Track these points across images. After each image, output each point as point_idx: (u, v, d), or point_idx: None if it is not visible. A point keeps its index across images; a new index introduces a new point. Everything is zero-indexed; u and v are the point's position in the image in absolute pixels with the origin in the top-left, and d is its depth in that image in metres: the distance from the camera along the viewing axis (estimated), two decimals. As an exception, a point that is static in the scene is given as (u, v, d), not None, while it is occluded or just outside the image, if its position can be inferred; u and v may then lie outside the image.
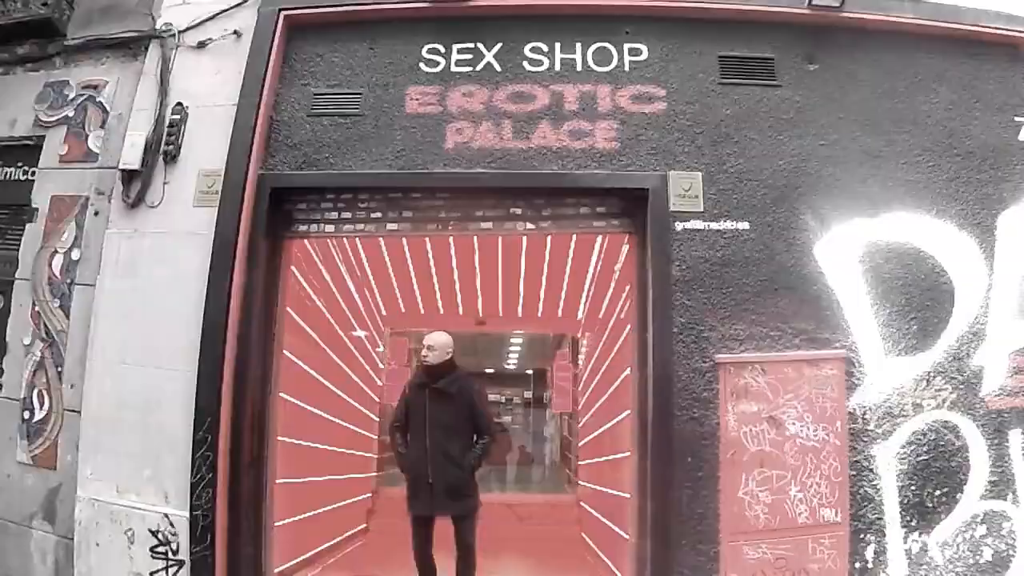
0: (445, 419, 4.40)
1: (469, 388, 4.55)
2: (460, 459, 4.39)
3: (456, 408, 4.42)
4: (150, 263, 4.54)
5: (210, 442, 4.27)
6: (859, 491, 4.29)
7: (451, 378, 4.50)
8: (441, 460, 4.36)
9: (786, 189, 4.45)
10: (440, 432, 4.38)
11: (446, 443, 4.37)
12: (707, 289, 4.29)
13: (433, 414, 4.40)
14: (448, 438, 4.38)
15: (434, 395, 4.43)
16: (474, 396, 4.52)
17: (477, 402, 4.52)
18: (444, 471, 4.36)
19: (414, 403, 4.54)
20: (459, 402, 4.43)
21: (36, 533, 4.79)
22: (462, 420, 4.44)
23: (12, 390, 4.90)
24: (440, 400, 4.42)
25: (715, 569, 4.16)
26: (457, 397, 4.43)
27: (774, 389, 4.28)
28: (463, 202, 4.50)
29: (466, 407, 4.44)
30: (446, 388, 4.43)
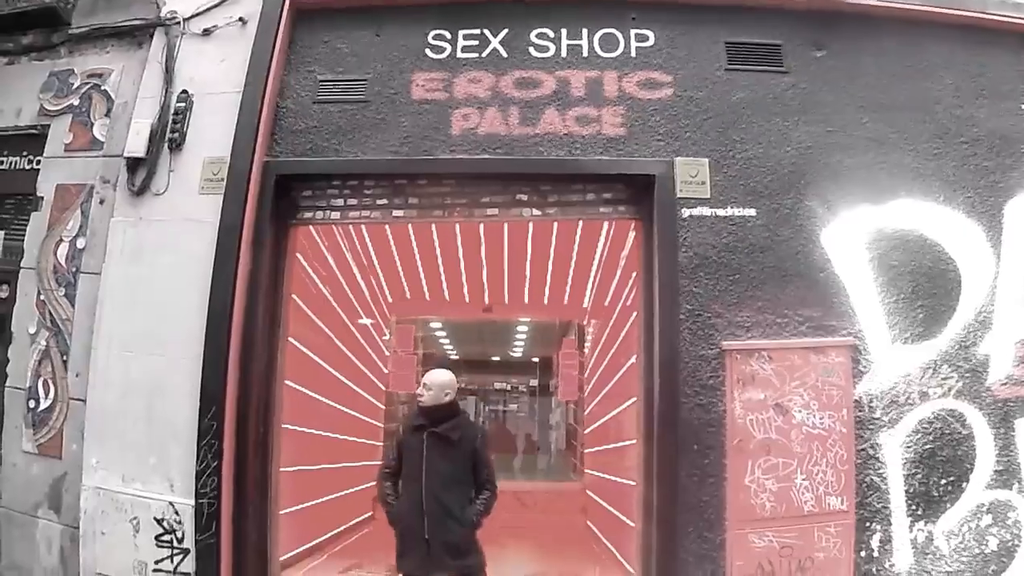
0: (444, 468, 3.85)
1: (473, 436, 4.02)
2: (460, 513, 3.84)
3: (457, 456, 3.89)
4: (155, 251, 4.49)
5: (215, 430, 4.23)
6: (865, 479, 4.24)
7: (453, 423, 3.97)
8: (438, 513, 3.79)
9: (793, 176, 4.39)
10: (438, 481, 3.84)
11: (444, 494, 3.83)
12: (714, 276, 4.24)
13: (431, 461, 3.86)
14: (446, 489, 3.84)
15: (433, 440, 3.91)
16: (478, 446, 3.98)
17: (482, 453, 3.98)
18: (442, 525, 3.79)
19: (409, 447, 3.97)
20: (461, 450, 3.91)
21: (41, 522, 4.75)
22: (462, 470, 3.91)
23: (18, 379, 4.85)
24: (439, 446, 3.89)
25: (721, 557, 4.11)
26: (459, 444, 3.91)
27: (780, 376, 4.23)
28: (469, 188, 4.44)
29: (468, 456, 3.92)
30: (447, 433, 3.90)
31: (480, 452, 3.97)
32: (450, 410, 4.01)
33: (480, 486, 3.95)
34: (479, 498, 3.92)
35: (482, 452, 3.99)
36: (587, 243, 6.33)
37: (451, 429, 3.92)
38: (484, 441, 4.08)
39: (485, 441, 4.10)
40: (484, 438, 4.13)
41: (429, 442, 3.90)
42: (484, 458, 3.99)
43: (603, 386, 6.56)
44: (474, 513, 3.88)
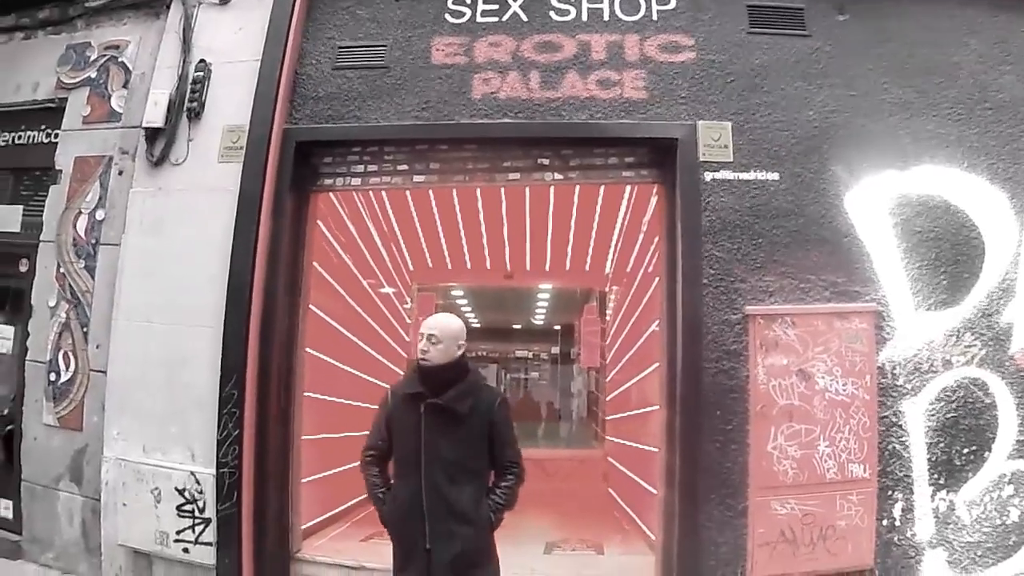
0: (450, 451, 2.89)
1: (489, 404, 2.99)
2: (472, 512, 2.89)
3: (468, 435, 2.92)
4: (175, 220, 4.41)
5: (236, 398, 4.16)
6: (887, 447, 4.13)
7: (461, 389, 2.96)
8: (443, 513, 2.86)
9: (816, 140, 4.27)
10: (441, 470, 2.88)
11: (450, 488, 2.87)
12: (737, 240, 4.13)
13: (432, 443, 2.89)
14: (453, 480, 2.88)
15: (433, 414, 2.91)
16: (496, 417, 2.97)
17: (502, 427, 2.99)
18: (448, 530, 2.87)
19: (402, 424, 2.97)
20: (473, 426, 2.92)
21: (63, 495, 4.70)
22: (475, 453, 2.94)
23: (38, 353, 4.80)
24: (443, 422, 2.91)
25: (743, 524, 4.01)
26: (470, 419, 2.92)
27: (804, 342, 4.13)
28: (491, 153, 4.33)
29: (482, 433, 2.94)
30: (452, 405, 2.91)
31: (500, 426, 2.96)
32: (456, 372, 2.98)
33: (501, 470, 3.00)
34: (499, 486, 2.98)
35: (502, 426, 2.98)
36: (609, 208, 6.22)
37: (457, 399, 2.92)
38: (505, 410, 3.02)
39: (507, 409, 3.04)
40: (505, 406, 3.04)
41: (428, 418, 2.90)
42: (505, 434, 2.99)
43: (625, 353, 6.46)
44: (493, 508, 2.94)
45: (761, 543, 4.04)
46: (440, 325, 3.01)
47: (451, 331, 3.01)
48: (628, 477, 5.47)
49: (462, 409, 2.91)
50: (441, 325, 3.02)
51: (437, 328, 2.99)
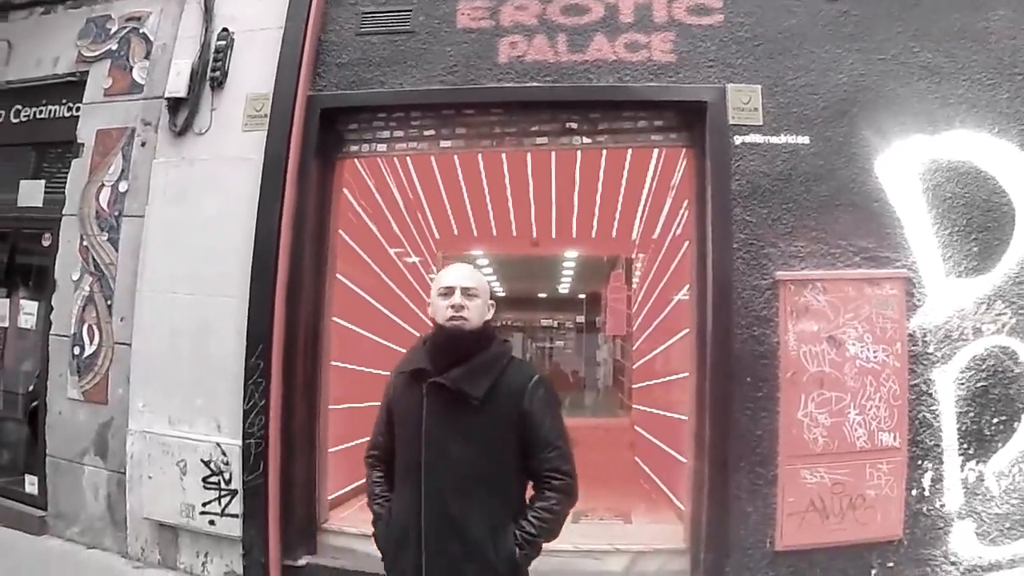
0: (460, 451, 2.09)
1: (520, 392, 2.14)
2: (487, 542, 2.05)
3: (486, 430, 2.10)
4: (199, 190, 4.35)
5: (262, 368, 4.10)
6: (917, 416, 4.04)
7: (476, 365, 2.14)
8: (445, 541, 2.06)
9: (845, 104, 4.17)
10: (447, 478, 2.08)
11: (458, 503, 2.06)
12: (767, 204, 4.04)
13: (435, 438, 2.11)
14: (464, 492, 2.07)
15: (438, 398, 2.13)
16: (534, 407, 2.13)
17: (543, 421, 2.13)
18: (450, 567, 2.07)
19: (403, 412, 2.24)
20: (494, 418, 2.11)
21: (88, 469, 4.67)
22: (496, 455, 2.10)
23: (62, 327, 4.76)
24: (450, 409, 2.11)
25: (772, 493, 3.94)
26: (490, 407, 2.10)
27: (834, 308, 4.04)
28: (517, 117, 4.24)
29: (508, 430, 2.11)
30: (461, 386, 2.10)
31: (536, 417, 2.11)
32: (477, 340, 2.16)
33: (540, 481, 2.11)
34: (535, 507, 2.09)
35: (541, 417, 2.12)
36: (636, 173, 6.10)
37: (468, 377, 2.09)
38: (545, 395, 2.17)
39: (548, 394, 2.18)
40: (544, 389, 2.18)
41: (431, 403, 2.11)
42: (546, 429, 2.11)
43: (652, 321, 6.36)
44: (521, 540, 2.05)
45: (791, 512, 3.97)
46: (474, 276, 2.26)
47: (485, 284, 2.25)
48: (655, 446, 5.40)
49: (474, 392, 2.05)
50: (475, 276, 2.26)
51: (472, 280, 2.22)
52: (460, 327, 2.15)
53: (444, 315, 2.17)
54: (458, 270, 2.30)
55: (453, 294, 2.17)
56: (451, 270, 2.31)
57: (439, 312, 2.18)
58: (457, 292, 2.18)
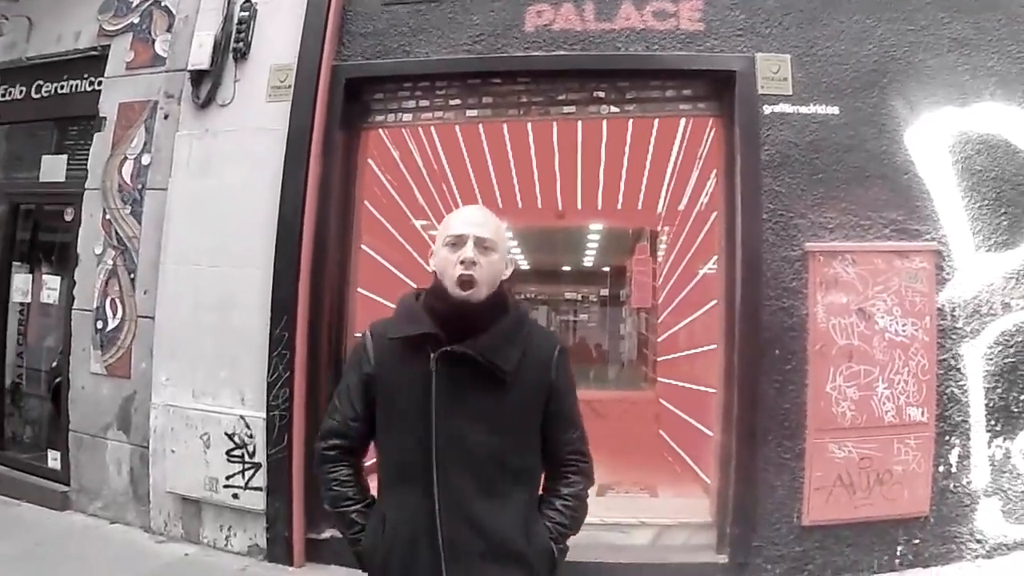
0: (483, 438, 1.69)
1: (547, 362, 1.78)
2: (522, 542, 1.71)
3: (515, 410, 1.74)
4: (222, 162, 4.31)
5: (287, 340, 4.07)
6: (945, 391, 3.99)
7: (503, 330, 1.74)
8: (473, 547, 1.67)
9: (875, 74, 4.09)
10: (468, 473, 1.68)
11: (484, 503, 1.68)
12: (797, 175, 3.97)
13: (451, 424, 1.68)
14: (489, 490, 1.70)
15: (453, 373, 1.69)
16: (559, 381, 1.79)
17: (567, 397, 1.82)
18: None
19: (396, 390, 1.75)
20: (524, 395, 1.74)
21: (111, 443, 4.64)
22: (526, 440, 1.77)
23: (85, 301, 4.73)
24: (472, 388, 1.70)
25: (799, 467, 3.89)
26: (519, 382, 1.72)
27: (864, 280, 3.98)
28: (544, 86, 4.17)
29: (536, 409, 1.77)
30: (492, 358, 1.68)
31: (562, 393, 1.78)
32: (494, 307, 1.74)
33: (560, 465, 1.80)
34: (560, 495, 1.78)
35: (566, 393, 1.80)
36: (663, 143, 6.03)
37: (497, 347, 1.69)
38: (568, 366, 1.82)
39: (569, 365, 1.83)
40: (567, 359, 1.82)
41: (444, 379, 1.67)
42: (570, 406, 1.81)
43: (678, 293, 6.30)
44: (555, 534, 1.75)
45: (818, 487, 3.92)
46: (491, 223, 1.75)
47: (503, 234, 1.79)
48: (681, 419, 5.35)
49: (507, 365, 1.65)
50: (493, 223, 1.76)
51: (489, 228, 1.73)
52: (468, 300, 1.67)
53: (451, 273, 1.68)
54: (472, 213, 1.81)
55: (464, 245, 1.69)
56: (462, 213, 1.81)
57: (445, 268, 1.71)
58: (469, 243, 1.69)
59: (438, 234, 1.77)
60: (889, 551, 3.96)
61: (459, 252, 1.69)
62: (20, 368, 5.43)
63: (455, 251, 1.70)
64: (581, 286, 15.02)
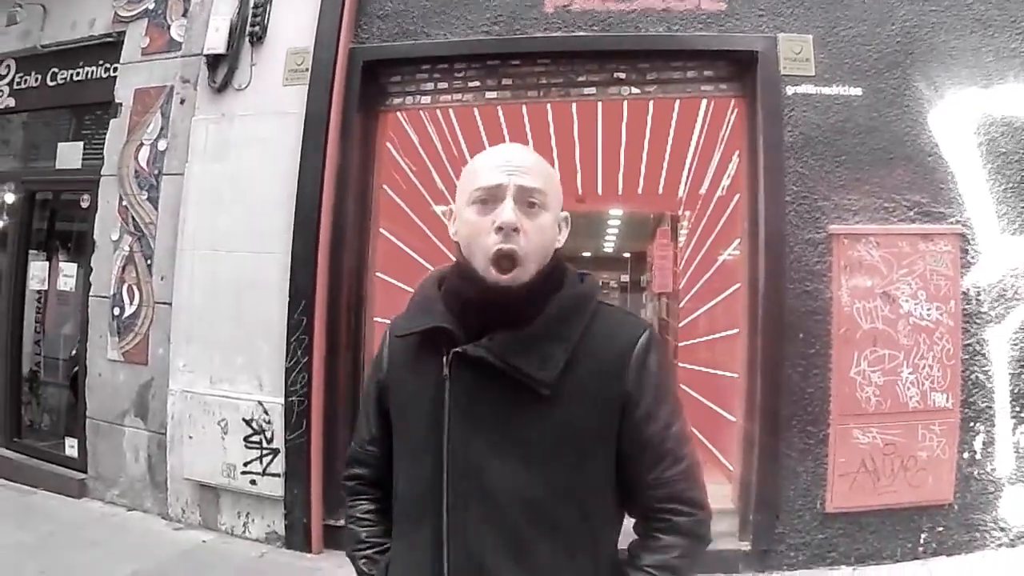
0: (511, 478, 1.12)
1: (621, 359, 1.15)
2: None
3: (565, 439, 1.12)
4: (239, 146, 4.25)
5: (305, 325, 4.02)
6: (970, 377, 3.90)
7: (549, 321, 1.14)
8: None
9: (898, 55, 4.00)
10: (490, 528, 1.12)
11: (512, 569, 1.11)
12: (820, 157, 3.88)
13: (467, 455, 1.13)
14: (521, 547, 1.11)
15: (473, 379, 1.13)
16: (648, 388, 1.15)
17: (659, 409, 1.16)
18: None
19: (408, 402, 1.23)
20: (582, 416, 1.13)
21: (128, 430, 4.61)
22: (580, 481, 1.14)
23: (101, 288, 4.69)
24: (502, 404, 1.13)
25: (823, 453, 3.81)
26: (577, 397, 1.12)
27: (888, 264, 3.89)
28: (564, 68, 4.10)
29: (603, 434, 1.15)
30: (526, 366, 1.10)
31: (647, 404, 1.15)
32: (545, 287, 1.17)
33: (653, 517, 1.19)
34: (644, 563, 1.18)
35: (657, 404, 1.17)
36: (684, 125, 5.94)
37: (521, 345, 1.12)
38: (665, 367, 1.23)
39: (666, 365, 1.26)
40: (662, 357, 1.22)
41: (457, 389, 1.15)
42: (661, 426, 1.16)
43: (700, 278, 6.21)
44: None
45: (841, 473, 3.84)
46: (539, 166, 1.22)
47: (556, 181, 1.26)
48: (702, 404, 5.27)
49: (542, 373, 1.11)
50: (541, 167, 1.22)
51: (538, 174, 1.20)
52: (510, 287, 1.12)
53: (484, 245, 1.13)
54: (511, 152, 1.21)
55: (501, 201, 1.13)
56: (497, 153, 1.22)
57: (473, 237, 1.15)
58: (508, 199, 1.13)
59: (460, 187, 1.22)
60: (913, 539, 3.88)
61: (494, 213, 1.13)
62: (38, 356, 5.41)
63: (487, 211, 1.14)
64: (601, 272, 14.82)
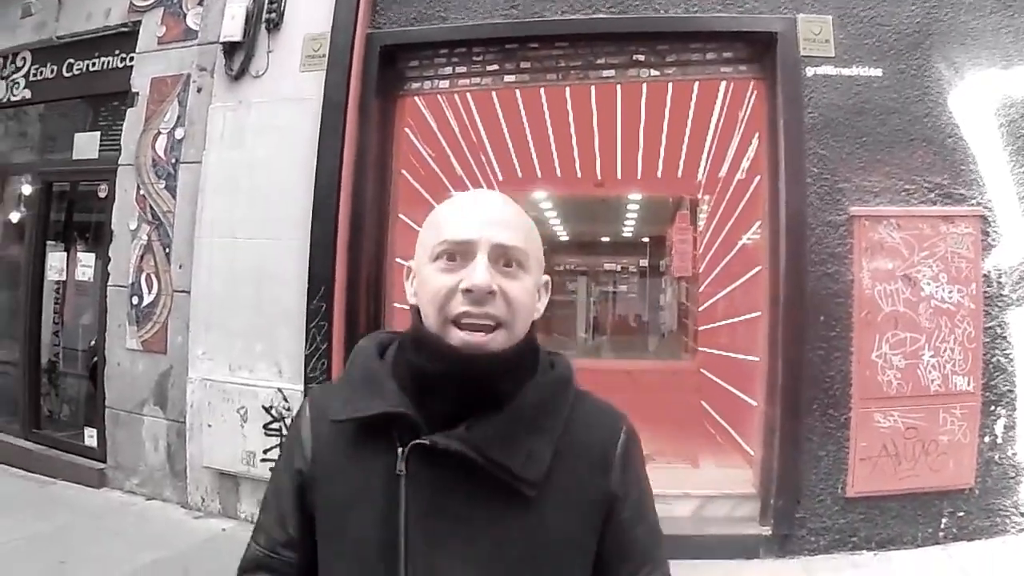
0: None
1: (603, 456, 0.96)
2: None
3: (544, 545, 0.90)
4: (257, 133, 4.23)
5: (324, 311, 4.00)
6: (991, 360, 3.86)
7: (530, 408, 0.92)
8: None
9: (918, 36, 3.95)
10: None
11: None
12: (840, 138, 3.83)
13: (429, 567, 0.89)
14: None
15: (438, 478, 0.90)
16: (633, 486, 0.97)
17: (643, 510, 0.98)
18: None
19: (344, 507, 0.94)
20: (563, 519, 0.92)
21: (147, 419, 4.60)
22: None
23: (120, 277, 4.69)
24: (474, 507, 0.90)
25: (844, 437, 3.78)
26: (558, 497, 0.91)
27: (909, 246, 3.85)
28: (583, 50, 4.06)
29: (583, 537, 0.93)
30: (513, 463, 0.88)
31: (632, 505, 0.96)
32: (520, 364, 0.94)
33: None
34: None
35: (640, 506, 0.98)
36: (703, 107, 5.92)
37: (506, 437, 0.89)
38: (642, 463, 1.01)
39: (638, 458, 1.00)
40: (640, 451, 1.00)
41: (416, 489, 0.90)
42: (645, 529, 0.98)
43: (719, 261, 6.18)
44: None
45: (863, 457, 3.81)
46: (519, 221, 0.97)
47: (538, 239, 1.00)
48: (723, 389, 5.23)
49: (528, 472, 0.89)
50: (521, 222, 0.97)
51: (517, 230, 0.96)
52: (478, 354, 0.91)
53: (448, 312, 0.91)
54: (487, 204, 0.98)
55: (471, 259, 0.92)
56: (468, 203, 0.99)
57: (435, 300, 0.92)
58: (481, 258, 0.91)
59: (420, 240, 0.99)
60: (934, 524, 3.84)
61: (462, 272, 0.91)
62: (56, 347, 5.40)
63: (454, 270, 0.92)
64: (620, 257, 14.72)
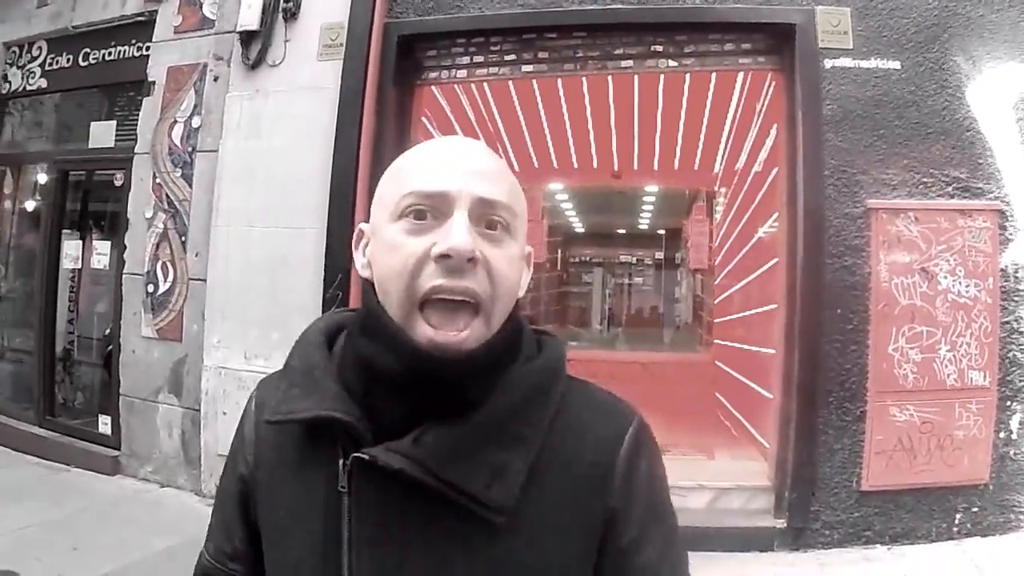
0: None
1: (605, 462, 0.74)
2: None
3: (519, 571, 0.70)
4: (274, 122, 4.22)
5: (340, 300, 3.98)
6: (1008, 355, 3.82)
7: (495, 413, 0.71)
8: None
9: (936, 29, 3.91)
10: None
11: None
12: (858, 130, 3.80)
13: None
14: None
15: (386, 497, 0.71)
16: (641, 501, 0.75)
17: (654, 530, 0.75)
18: None
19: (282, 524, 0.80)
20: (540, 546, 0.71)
21: (162, 407, 4.61)
22: None
23: (135, 265, 4.69)
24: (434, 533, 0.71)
25: (860, 430, 3.75)
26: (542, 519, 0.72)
27: (927, 239, 3.82)
28: (601, 40, 4.03)
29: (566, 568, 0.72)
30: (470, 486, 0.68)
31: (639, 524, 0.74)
32: (500, 358, 0.73)
33: None
34: None
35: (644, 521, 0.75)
36: (720, 99, 5.88)
37: (463, 451, 0.69)
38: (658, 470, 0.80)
39: (660, 465, 0.81)
40: (655, 454, 0.80)
41: (362, 510, 0.73)
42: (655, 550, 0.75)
43: (736, 254, 6.15)
44: None
45: (878, 451, 3.78)
46: (502, 174, 0.78)
47: (522, 199, 0.80)
48: (738, 381, 5.21)
49: (496, 495, 0.69)
50: (505, 176, 0.78)
51: (501, 183, 0.76)
52: (449, 352, 0.71)
53: (414, 289, 0.71)
54: (465, 147, 0.81)
55: (447, 218, 0.72)
56: (441, 148, 0.80)
57: (397, 274, 0.72)
58: (460, 215, 0.72)
59: (379, 195, 0.79)
60: (948, 519, 3.81)
61: (435, 234, 0.72)
62: (71, 335, 5.41)
63: (423, 232, 0.73)
64: (636, 249, 14.67)
